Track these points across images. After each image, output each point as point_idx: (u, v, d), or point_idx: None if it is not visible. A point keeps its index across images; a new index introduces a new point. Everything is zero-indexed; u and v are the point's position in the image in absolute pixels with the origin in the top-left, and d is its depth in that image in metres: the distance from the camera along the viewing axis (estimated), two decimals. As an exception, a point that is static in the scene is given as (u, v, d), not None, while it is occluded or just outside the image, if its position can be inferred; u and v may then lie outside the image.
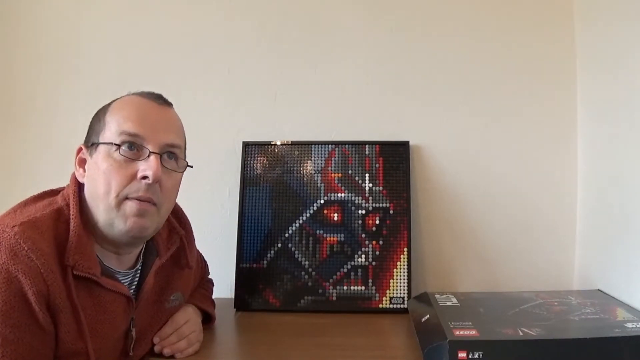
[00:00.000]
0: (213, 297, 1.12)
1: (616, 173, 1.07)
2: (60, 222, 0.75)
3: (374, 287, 1.17)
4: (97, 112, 0.83)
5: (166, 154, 0.81)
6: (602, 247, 1.13)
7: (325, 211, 1.22)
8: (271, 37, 1.31)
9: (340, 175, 1.23)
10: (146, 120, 0.80)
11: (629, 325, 0.83)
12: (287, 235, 1.21)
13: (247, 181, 1.24)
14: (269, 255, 1.20)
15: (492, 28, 1.27)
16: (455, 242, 1.27)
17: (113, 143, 0.77)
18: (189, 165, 0.86)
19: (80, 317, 0.73)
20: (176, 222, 0.94)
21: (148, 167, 0.77)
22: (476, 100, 1.27)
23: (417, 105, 1.28)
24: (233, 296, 1.18)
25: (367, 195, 1.22)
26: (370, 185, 1.22)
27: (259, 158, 1.26)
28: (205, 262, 1.13)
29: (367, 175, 1.23)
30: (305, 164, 1.24)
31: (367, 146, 1.25)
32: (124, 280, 0.84)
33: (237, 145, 1.28)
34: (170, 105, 0.85)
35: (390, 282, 1.17)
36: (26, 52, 1.37)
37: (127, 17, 1.34)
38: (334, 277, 1.18)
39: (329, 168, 1.24)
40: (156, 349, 0.88)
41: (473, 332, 0.81)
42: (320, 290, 1.18)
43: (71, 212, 0.76)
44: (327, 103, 1.30)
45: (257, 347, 0.98)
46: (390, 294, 1.17)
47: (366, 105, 1.29)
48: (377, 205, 1.21)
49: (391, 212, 1.21)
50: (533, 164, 1.25)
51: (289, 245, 1.20)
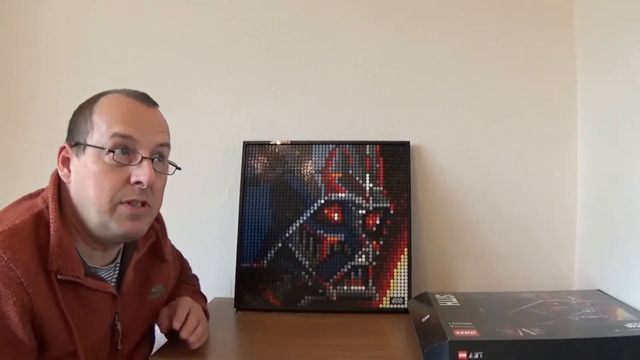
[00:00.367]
0: (213, 296, 1.12)
1: (616, 173, 1.07)
2: (41, 226, 0.75)
3: (374, 287, 1.17)
4: (82, 109, 0.81)
5: (156, 157, 0.81)
6: (602, 247, 1.13)
7: (326, 211, 1.22)
8: (271, 37, 1.31)
9: (340, 175, 1.23)
10: (137, 123, 0.79)
11: (629, 325, 0.83)
12: (287, 235, 1.21)
13: (248, 181, 1.24)
14: (269, 255, 1.20)
15: (492, 28, 1.27)
16: (455, 242, 1.27)
17: (105, 148, 0.77)
18: (177, 167, 0.86)
19: (68, 321, 0.73)
20: None
21: (142, 173, 0.77)
22: (476, 100, 1.27)
23: (418, 105, 1.28)
24: (233, 296, 1.18)
25: (367, 195, 1.22)
26: (371, 185, 1.22)
27: (259, 158, 1.26)
28: (182, 256, 1.10)
29: (367, 175, 1.23)
30: (305, 164, 1.24)
31: (367, 146, 1.25)
32: (107, 276, 0.84)
33: (237, 145, 1.28)
34: (157, 105, 0.85)
35: (390, 282, 1.17)
36: (26, 52, 1.37)
37: (127, 17, 1.34)
38: (334, 277, 1.18)
39: (330, 168, 1.24)
40: (183, 335, 0.87)
41: (473, 332, 0.81)
42: (320, 290, 1.18)
43: (51, 215, 0.76)
44: (327, 103, 1.30)
45: (257, 346, 0.97)
46: (390, 294, 1.17)
47: (366, 105, 1.29)
48: (378, 205, 1.21)
49: (391, 212, 1.21)
50: (533, 164, 1.25)
51: (289, 245, 1.20)
